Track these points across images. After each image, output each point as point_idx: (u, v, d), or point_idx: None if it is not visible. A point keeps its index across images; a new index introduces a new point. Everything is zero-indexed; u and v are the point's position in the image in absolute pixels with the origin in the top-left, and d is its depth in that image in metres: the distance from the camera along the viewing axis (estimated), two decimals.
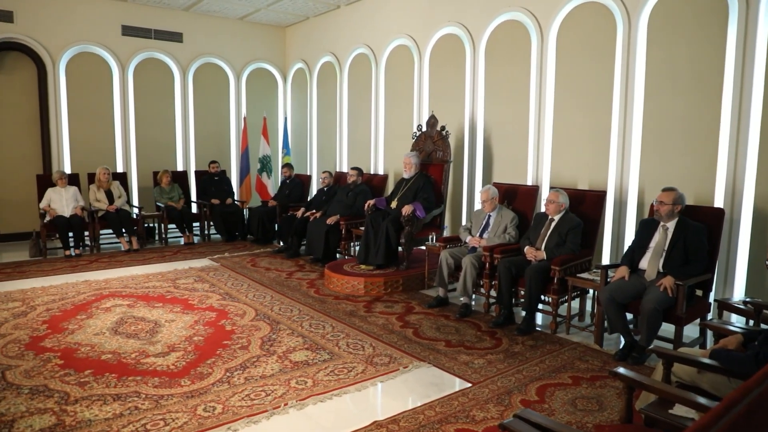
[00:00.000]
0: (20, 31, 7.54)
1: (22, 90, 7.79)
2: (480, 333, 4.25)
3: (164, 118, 8.80)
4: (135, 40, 8.39)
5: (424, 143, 6.35)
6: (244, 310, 4.72)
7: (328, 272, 5.56)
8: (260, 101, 9.63)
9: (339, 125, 8.57)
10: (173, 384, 3.28)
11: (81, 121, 8.09)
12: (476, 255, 4.76)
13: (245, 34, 9.36)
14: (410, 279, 5.47)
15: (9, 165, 7.74)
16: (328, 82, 8.80)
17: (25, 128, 7.85)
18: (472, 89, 6.35)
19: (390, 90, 7.61)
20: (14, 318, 4.48)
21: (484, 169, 6.28)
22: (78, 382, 3.31)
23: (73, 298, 5.03)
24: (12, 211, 7.79)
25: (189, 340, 4.00)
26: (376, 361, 3.66)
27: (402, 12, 7.27)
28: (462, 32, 6.40)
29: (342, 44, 8.39)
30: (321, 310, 4.77)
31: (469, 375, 3.47)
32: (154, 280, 5.70)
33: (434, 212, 5.93)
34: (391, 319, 4.56)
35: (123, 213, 7.29)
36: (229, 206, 8.16)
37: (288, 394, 3.17)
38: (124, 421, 2.85)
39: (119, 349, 3.81)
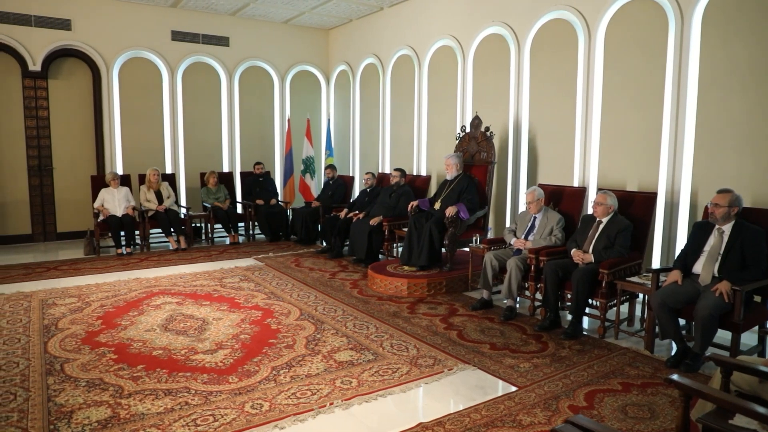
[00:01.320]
0: (77, 39, 7.86)
1: (79, 95, 8.12)
2: (525, 336, 4.19)
3: (211, 120, 9.02)
4: (184, 45, 8.63)
5: (468, 144, 6.30)
6: (289, 310, 4.78)
7: (371, 273, 5.58)
8: (304, 103, 9.76)
9: (381, 126, 8.59)
10: (221, 381, 3.35)
11: (132, 124, 8.37)
12: (521, 257, 4.69)
13: (289, 37, 9.50)
14: (453, 281, 5.44)
15: (66, 167, 8.08)
16: (371, 84, 8.84)
17: (81, 131, 8.18)
18: (517, 89, 6.27)
19: (433, 91, 7.58)
20: (71, 313, 4.67)
21: (529, 170, 6.18)
22: (131, 376, 3.42)
23: (125, 295, 5.20)
24: (68, 211, 8.13)
25: (236, 338, 4.08)
26: (421, 363, 3.65)
27: (445, 12, 7.23)
28: (506, 32, 6.32)
29: (385, 46, 8.42)
30: (364, 310, 4.79)
31: (514, 379, 3.42)
32: (201, 279, 5.84)
33: (478, 214, 5.88)
34: (435, 320, 4.54)
35: (171, 213, 7.50)
36: (273, 207, 8.29)
37: (333, 393, 3.20)
38: (175, 416, 2.93)
39: (169, 346, 3.92)
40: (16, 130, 7.73)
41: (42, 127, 7.89)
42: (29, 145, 7.83)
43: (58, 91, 7.97)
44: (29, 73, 7.67)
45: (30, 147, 7.83)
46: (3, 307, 4.83)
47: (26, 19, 7.51)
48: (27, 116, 7.78)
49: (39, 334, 4.16)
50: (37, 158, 7.89)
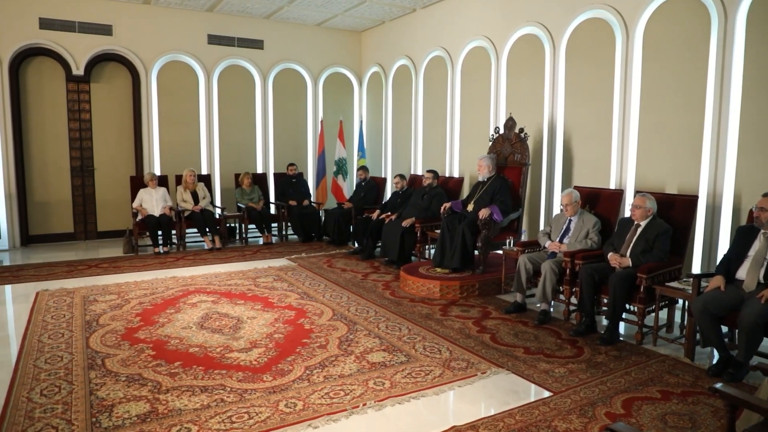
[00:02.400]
0: (118, 43, 8.08)
1: (119, 98, 8.34)
2: (560, 341, 4.13)
3: (245, 122, 9.15)
4: (219, 48, 8.78)
5: (502, 146, 6.24)
6: (322, 310, 4.82)
7: (403, 274, 5.58)
8: (336, 105, 9.82)
9: (414, 128, 8.59)
10: (256, 379, 3.40)
11: (170, 126, 8.56)
12: (556, 260, 4.62)
13: (322, 39, 9.58)
14: (486, 283, 5.40)
15: (106, 167, 8.31)
16: (404, 86, 8.85)
17: (121, 133, 8.40)
18: (552, 90, 6.19)
19: (466, 92, 7.54)
20: (111, 310, 4.79)
21: (564, 172, 6.09)
22: (169, 372, 3.49)
23: (163, 293, 5.31)
24: (108, 211, 8.36)
25: (270, 337, 4.13)
26: (454, 366, 3.63)
27: (479, 13, 7.19)
28: (541, 32, 6.25)
29: (417, 47, 8.41)
30: (397, 312, 4.79)
31: (549, 384, 3.38)
32: (235, 278, 5.93)
33: (511, 216, 5.82)
34: (468, 323, 4.51)
35: (207, 213, 7.64)
36: (306, 208, 8.37)
37: (366, 394, 3.21)
38: (211, 413, 2.98)
39: (205, 343, 3.99)
40: (60, 132, 7.99)
41: (84, 129, 8.14)
42: (72, 146, 8.08)
43: (99, 94, 8.21)
44: (73, 77, 7.92)
45: (73, 148, 8.09)
46: (48, 302, 5.00)
47: (71, 25, 7.76)
48: (70, 119, 8.04)
49: (81, 329, 4.29)
50: (80, 159, 8.14)
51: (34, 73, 7.79)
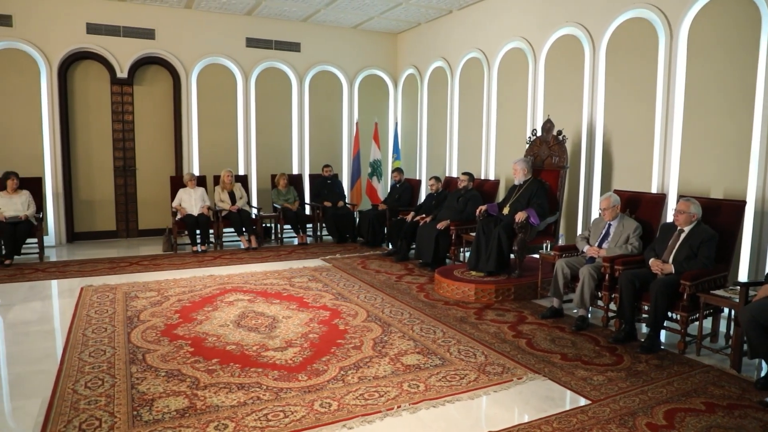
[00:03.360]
0: (160, 47, 8.29)
1: (160, 99, 8.56)
2: (598, 348, 4.04)
3: (282, 123, 9.27)
4: (257, 51, 8.92)
5: (539, 148, 6.16)
6: (356, 311, 4.84)
7: (438, 277, 5.56)
8: (372, 107, 9.86)
9: (449, 130, 8.55)
10: (291, 378, 3.43)
11: (209, 127, 8.74)
12: (595, 265, 4.53)
13: (358, 42, 9.63)
14: (522, 287, 5.33)
15: (148, 168, 8.54)
16: (439, 87, 8.82)
17: (162, 134, 8.62)
18: (591, 92, 6.08)
19: (502, 94, 7.47)
20: (151, 306, 4.91)
21: (603, 175, 5.97)
22: (206, 369, 3.55)
23: (201, 291, 5.42)
24: (149, 210, 8.58)
25: (305, 336, 4.16)
26: (489, 370, 3.59)
27: (516, 14, 7.11)
28: (581, 32, 6.14)
29: (453, 49, 8.37)
30: (431, 314, 4.77)
31: (587, 392, 3.31)
32: (271, 278, 6.01)
33: (549, 220, 5.73)
34: (503, 327, 4.46)
35: (244, 213, 7.76)
36: (341, 209, 8.42)
37: (401, 396, 3.20)
38: (248, 410, 3.01)
39: (242, 341, 4.04)
40: (105, 133, 8.25)
41: (127, 130, 8.38)
42: (115, 147, 8.33)
43: (141, 96, 8.43)
44: (117, 79, 8.15)
45: (116, 149, 8.34)
46: (92, 298, 5.15)
47: (116, 29, 8.00)
48: (114, 120, 8.28)
49: (123, 324, 4.40)
50: (122, 159, 8.38)
51: (81, 76, 8.06)
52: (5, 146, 7.57)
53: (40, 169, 7.74)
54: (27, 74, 7.65)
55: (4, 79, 7.53)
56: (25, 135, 7.69)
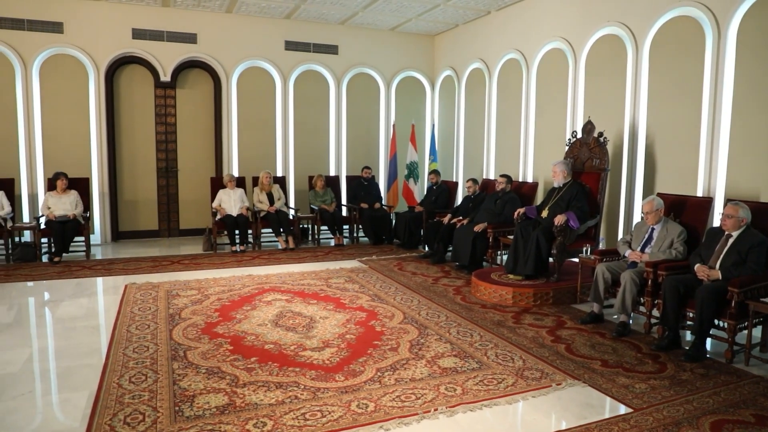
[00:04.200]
0: (202, 51, 8.48)
1: (202, 102, 8.76)
2: (640, 355, 3.94)
3: (319, 125, 9.36)
4: (296, 54, 9.04)
5: (579, 150, 6.05)
6: (393, 313, 4.84)
7: (475, 280, 5.51)
8: (409, 109, 9.86)
9: (487, 132, 8.48)
10: (328, 378, 3.45)
11: (248, 130, 8.90)
12: (637, 270, 4.42)
13: (395, 44, 9.65)
14: (561, 292, 5.24)
15: (189, 169, 8.75)
16: (477, 89, 8.76)
17: (203, 136, 8.82)
18: (634, 92, 5.93)
19: (541, 95, 7.37)
20: (192, 304, 5.03)
21: (646, 178, 5.82)
22: (245, 367, 3.61)
23: (239, 290, 5.51)
24: (189, 210, 8.79)
25: (342, 337, 4.19)
26: (527, 375, 3.54)
27: (556, 14, 7.01)
28: (623, 32, 6.01)
29: (491, 50, 8.31)
30: (468, 317, 4.74)
31: (629, 400, 3.23)
32: (308, 278, 6.07)
33: (589, 223, 5.62)
34: (542, 332, 4.40)
35: (282, 214, 7.87)
36: (377, 210, 8.44)
37: (437, 399, 3.19)
38: (286, 409, 3.05)
39: (280, 341, 4.10)
40: (148, 135, 8.49)
41: (170, 132, 8.60)
42: (158, 148, 8.56)
43: (184, 99, 8.65)
44: (161, 83, 8.38)
45: (159, 150, 8.57)
46: (135, 295, 5.30)
47: (159, 34, 8.22)
48: (157, 122, 8.52)
49: (165, 322, 4.52)
50: (165, 161, 8.61)
51: (127, 79, 8.31)
52: (55, 148, 7.87)
53: (88, 170, 8.02)
54: (76, 78, 7.94)
55: (55, 83, 7.84)
56: (74, 137, 7.99)
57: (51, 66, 7.81)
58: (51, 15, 7.66)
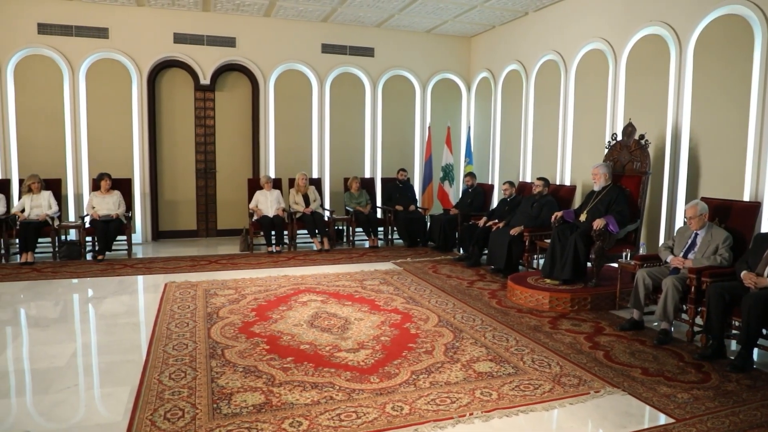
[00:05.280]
0: (240, 54, 8.63)
1: (240, 105, 8.91)
2: (683, 364, 3.82)
3: (355, 127, 9.41)
4: (332, 57, 9.11)
5: (619, 153, 5.92)
6: (428, 316, 4.82)
7: (511, 284, 5.45)
8: (444, 111, 9.83)
9: (523, 134, 8.38)
10: (363, 380, 3.46)
11: (284, 132, 9.01)
12: (679, 277, 4.29)
13: (431, 46, 9.63)
14: (599, 297, 5.13)
15: (226, 170, 8.91)
16: (513, 91, 8.67)
17: (240, 138, 8.97)
18: (677, 94, 5.77)
19: (580, 97, 7.24)
20: (230, 304, 5.11)
21: (689, 182, 5.66)
22: (281, 367, 3.65)
23: (275, 291, 5.58)
24: (227, 210, 8.95)
25: (376, 339, 4.20)
26: (564, 382, 3.48)
27: (596, 15, 6.88)
28: (666, 32, 5.86)
29: (529, 51, 8.21)
30: (504, 322, 4.69)
31: (671, 410, 3.13)
32: (343, 280, 6.10)
33: (629, 227, 5.50)
34: (579, 338, 4.32)
35: (317, 215, 7.94)
36: (412, 213, 8.43)
37: (473, 404, 3.16)
38: (321, 409, 3.07)
39: (315, 341, 4.13)
40: (188, 137, 8.68)
41: (209, 134, 8.78)
42: (197, 150, 8.75)
43: (222, 101, 8.82)
44: (200, 86, 8.57)
45: (198, 152, 8.75)
46: (174, 294, 5.43)
47: (200, 39, 8.41)
48: (197, 125, 8.71)
49: (203, 320, 4.61)
50: (204, 162, 8.79)
51: (168, 83, 8.52)
52: (100, 149, 8.13)
53: (130, 171, 8.25)
54: (120, 82, 8.18)
55: (100, 87, 8.09)
56: (118, 139, 8.23)
57: (96, 70, 8.07)
58: (97, 21, 7.92)
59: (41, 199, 7.08)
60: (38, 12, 7.69)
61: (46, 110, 7.90)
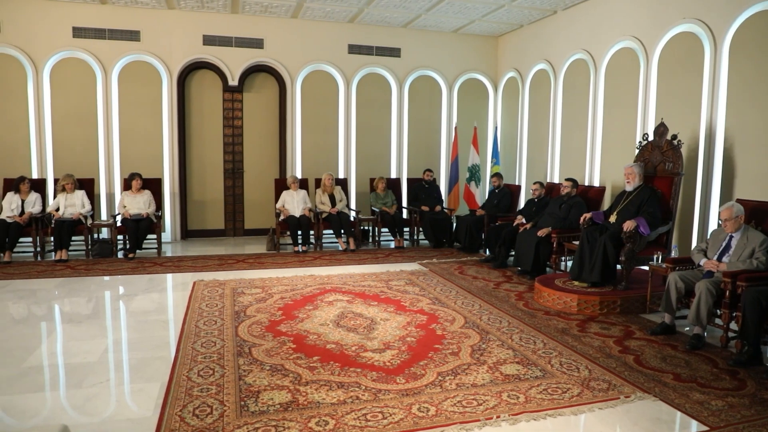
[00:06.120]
0: (268, 56, 8.72)
1: (267, 106, 9.00)
2: (717, 370, 3.72)
3: (381, 128, 9.42)
4: (359, 57, 9.14)
5: (651, 154, 5.81)
6: (454, 317, 4.80)
7: (538, 286, 5.39)
8: (471, 111, 9.77)
9: (551, 134, 8.28)
10: (389, 380, 3.46)
11: (311, 132, 9.07)
12: (713, 281, 4.18)
13: (458, 46, 9.58)
14: (629, 300, 5.04)
15: (255, 170, 9.00)
16: (541, 90, 8.57)
17: (267, 139, 9.06)
18: (711, 93, 5.63)
19: (610, 96, 7.12)
20: (257, 302, 5.16)
21: (724, 183, 5.51)
22: (308, 366, 3.67)
23: (302, 290, 5.62)
24: (254, 210, 9.05)
25: (402, 340, 4.19)
26: (593, 386, 3.42)
27: (627, 12, 6.76)
28: (700, 29, 5.72)
29: (557, 50, 8.11)
30: (531, 324, 4.63)
31: (704, 417, 3.05)
32: (369, 280, 6.11)
33: (660, 229, 5.39)
34: (608, 342, 4.24)
35: (343, 215, 7.96)
36: (438, 213, 8.40)
37: (500, 406, 3.13)
38: (347, 408, 3.08)
39: (341, 341, 4.14)
40: (216, 137, 8.80)
41: (236, 134, 8.89)
42: (225, 150, 8.86)
43: (250, 102, 8.91)
44: (229, 87, 8.67)
45: (226, 152, 8.87)
46: (203, 292, 5.50)
47: (228, 40, 8.51)
48: (225, 125, 8.82)
49: (231, 318, 4.66)
50: (231, 162, 8.90)
51: (197, 84, 8.65)
52: (131, 149, 8.29)
53: (160, 171, 8.39)
54: (151, 84, 8.33)
55: (132, 88, 8.26)
56: (148, 140, 8.38)
57: (128, 72, 8.23)
58: (129, 24, 8.08)
59: (75, 198, 7.26)
60: (73, 16, 7.88)
61: (80, 112, 8.10)
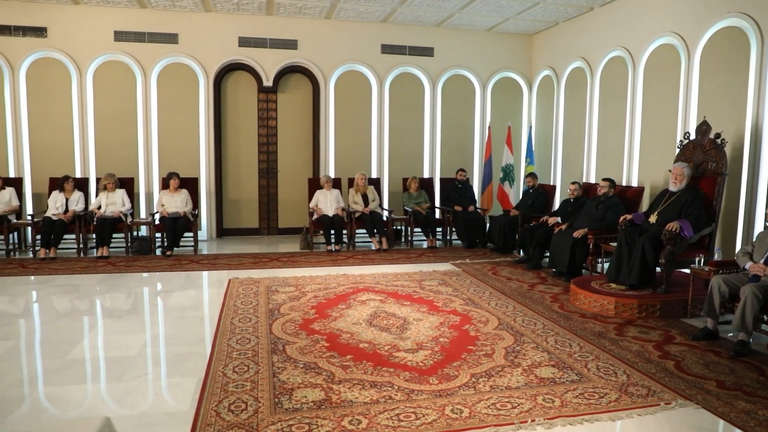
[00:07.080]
0: (302, 56, 8.80)
1: (301, 106, 9.08)
2: (764, 378, 3.58)
3: (414, 127, 9.40)
4: (392, 57, 9.13)
5: (693, 153, 5.63)
6: (487, 318, 4.75)
7: (574, 288, 5.28)
8: (504, 110, 9.66)
9: (587, 133, 8.12)
10: (422, 381, 3.44)
11: (344, 132, 9.11)
12: (760, 285, 4.03)
13: (492, 44, 9.49)
14: (669, 304, 4.90)
15: (288, 170, 9.10)
16: (577, 89, 8.41)
17: (301, 138, 9.14)
18: (758, 90, 5.43)
19: (649, 94, 6.94)
20: (290, 301, 5.21)
21: None
22: (341, 364, 3.68)
23: (335, 289, 5.64)
24: (288, 209, 9.15)
25: (435, 340, 4.17)
26: (632, 391, 3.34)
27: (667, 8, 6.57)
28: (746, 23, 5.52)
29: (594, 48, 7.95)
30: (566, 327, 4.55)
31: (751, 427, 2.94)
32: (401, 280, 6.10)
33: (703, 232, 5.22)
34: (647, 346, 4.13)
35: (376, 215, 7.97)
36: (471, 213, 8.32)
37: (534, 410, 3.08)
38: (380, 408, 3.07)
39: (374, 340, 4.14)
40: (251, 137, 8.92)
41: (271, 134, 9.00)
42: (260, 150, 8.98)
43: (284, 103, 9.01)
44: (263, 88, 8.78)
45: (261, 152, 8.98)
46: (238, 289, 5.58)
47: (263, 42, 8.62)
48: (260, 125, 8.94)
49: (265, 316, 4.71)
50: (266, 162, 9.02)
51: (232, 85, 8.79)
52: (169, 149, 8.47)
53: (197, 170, 8.55)
54: (188, 85, 8.50)
55: (170, 89, 8.44)
56: (185, 140, 8.56)
57: (166, 74, 8.42)
58: (167, 27, 8.26)
59: (116, 196, 7.46)
60: (115, 20, 8.10)
61: (121, 113, 8.32)
